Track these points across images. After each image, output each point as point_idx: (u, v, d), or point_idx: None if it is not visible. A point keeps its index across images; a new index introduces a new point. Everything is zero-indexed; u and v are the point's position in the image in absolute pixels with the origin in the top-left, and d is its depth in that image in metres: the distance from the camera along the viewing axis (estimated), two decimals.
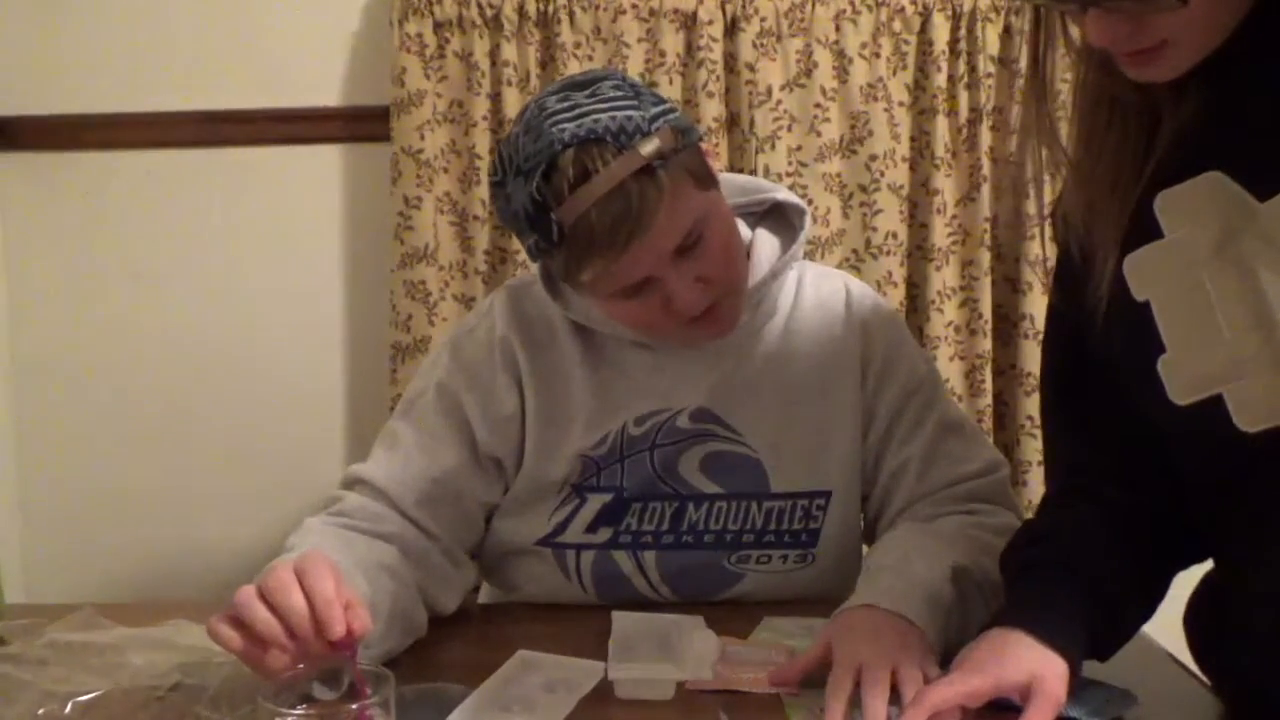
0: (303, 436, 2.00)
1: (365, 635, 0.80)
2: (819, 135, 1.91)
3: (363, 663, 0.79)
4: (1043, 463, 1.05)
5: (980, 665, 0.83)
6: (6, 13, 1.93)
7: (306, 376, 2.01)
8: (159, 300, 1.99)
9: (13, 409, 2.02)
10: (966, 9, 1.88)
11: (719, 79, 1.88)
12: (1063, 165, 0.85)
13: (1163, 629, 0.98)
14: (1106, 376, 0.88)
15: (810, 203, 1.89)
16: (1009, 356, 1.96)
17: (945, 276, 1.91)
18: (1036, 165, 0.86)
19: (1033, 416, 1.90)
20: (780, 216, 1.19)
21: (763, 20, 1.88)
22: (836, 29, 1.90)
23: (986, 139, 1.91)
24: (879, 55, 1.90)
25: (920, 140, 1.94)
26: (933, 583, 0.96)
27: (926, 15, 1.89)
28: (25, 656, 0.97)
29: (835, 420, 1.14)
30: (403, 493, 1.07)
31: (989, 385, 1.93)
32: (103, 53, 1.94)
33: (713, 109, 1.87)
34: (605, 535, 1.13)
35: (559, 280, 1.09)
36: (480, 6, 1.86)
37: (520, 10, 1.86)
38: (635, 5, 1.87)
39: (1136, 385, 0.82)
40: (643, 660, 0.94)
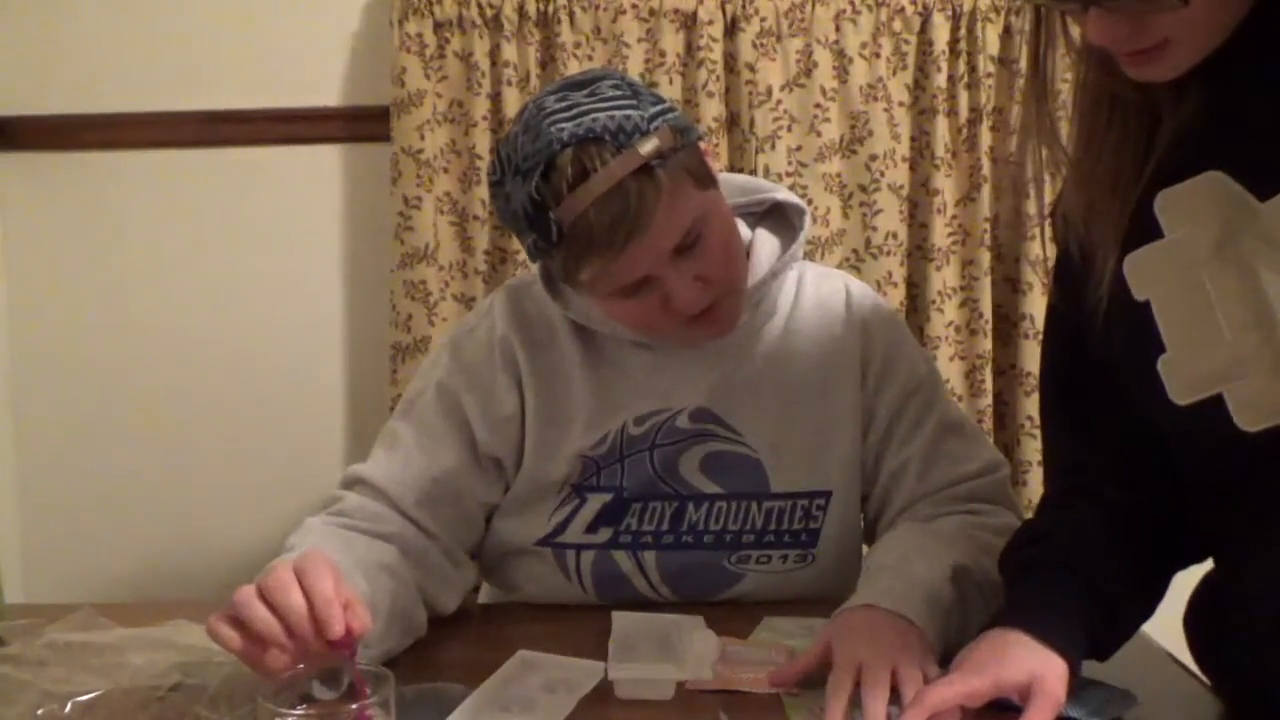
0: (303, 436, 2.00)
1: (365, 635, 0.80)
2: (819, 135, 1.91)
3: (362, 662, 0.79)
4: (1042, 463, 1.05)
5: (980, 665, 0.83)
6: (6, 13, 1.93)
7: (306, 376, 2.01)
8: (159, 300, 1.99)
9: (13, 408, 2.02)
10: (966, 9, 1.88)
11: (719, 79, 1.88)
12: (1063, 165, 0.85)
13: (1163, 629, 0.98)
14: (1106, 376, 0.88)
15: (810, 203, 1.89)
16: (1009, 356, 1.96)
17: (945, 276, 1.91)
18: (1036, 165, 0.86)
19: (1032, 416, 1.90)
20: (780, 216, 1.19)
21: (763, 20, 1.88)
22: (836, 29, 1.90)
23: (986, 139, 1.91)
24: (879, 55, 1.90)
25: (920, 140, 1.94)
26: (933, 582, 0.96)
27: (926, 15, 1.89)
28: (25, 656, 0.97)
29: (835, 420, 1.14)
30: (402, 492, 1.07)
31: (989, 385, 1.93)
32: (103, 53, 1.94)
33: (713, 109, 1.87)
34: (605, 535, 1.13)
35: (558, 280, 1.09)
36: (480, 6, 1.86)
37: (520, 10, 1.86)
38: (635, 5, 1.87)
39: (1136, 385, 0.82)
40: (643, 660, 0.94)
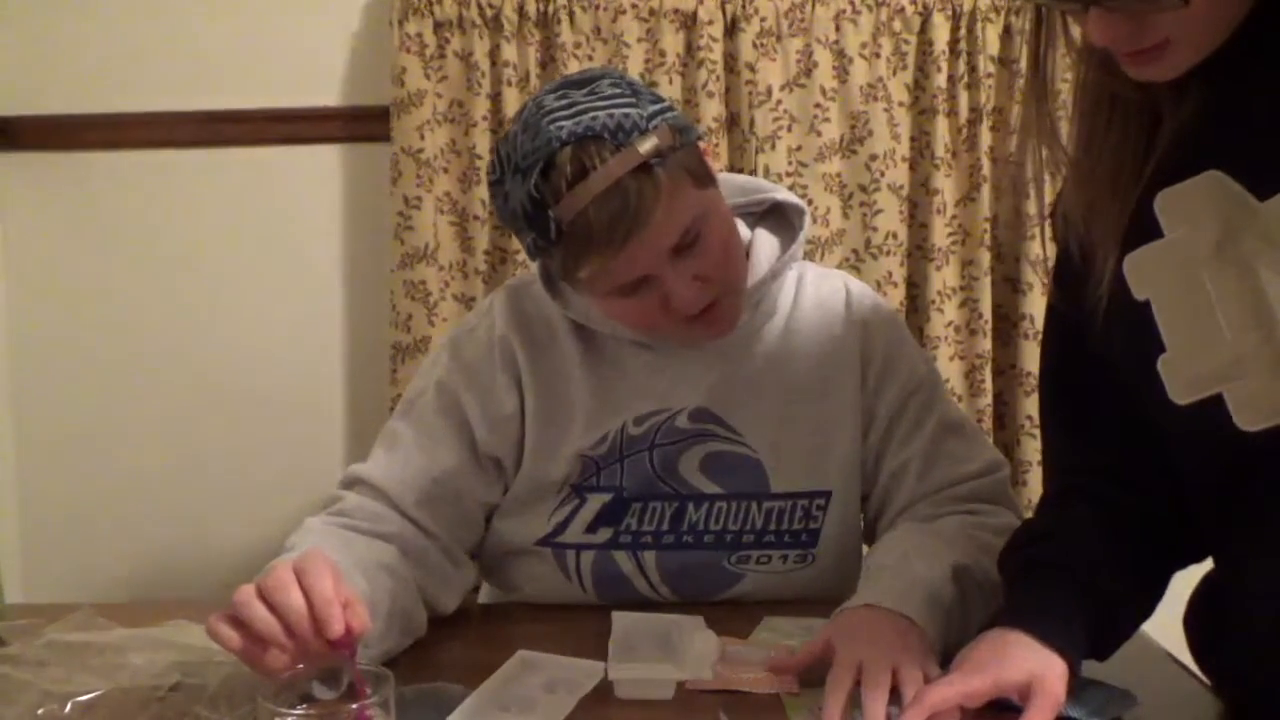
0: (303, 436, 2.00)
1: (364, 634, 0.80)
2: (819, 135, 1.91)
3: (362, 662, 0.79)
4: (1042, 463, 1.05)
5: (980, 665, 0.83)
6: (6, 13, 1.93)
7: (306, 376, 2.01)
8: (159, 300, 1.99)
9: (13, 408, 2.02)
10: (966, 9, 1.88)
11: (719, 79, 1.88)
12: (1063, 165, 0.85)
13: (1163, 629, 0.98)
14: (1106, 376, 0.88)
15: (810, 203, 1.89)
16: (1009, 356, 1.96)
17: (945, 276, 1.91)
18: (1036, 165, 0.86)
19: (1032, 416, 1.90)
20: (780, 216, 1.19)
21: (763, 20, 1.88)
22: (836, 29, 1.90)
23: (986, 139, 1.91)
24: (879, 55, 1.90)
25: (920, 140, 1.94)
26: (933, 582, 0.96)
27: (926, 15, 1.89)
28: (25, 657, 0.96)
29: (835, 420, 1.14)
30: (402, 492, 1.07)
31: (989, 385, 1.93)
32: (103, 53, 1.94)
33: (713, 109, 1.87)
34: (605, 535, 1.13)
35: (558, 279, 1.09)
36: (480, 6, 1.86)
37: (520, 10, 1.86)
38: (635, 5, 1.87)
39: (1136, 385, 0.82)
40: (643, 660, 0.94)
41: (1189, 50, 0.75)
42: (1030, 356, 1.90)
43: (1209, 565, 0.92)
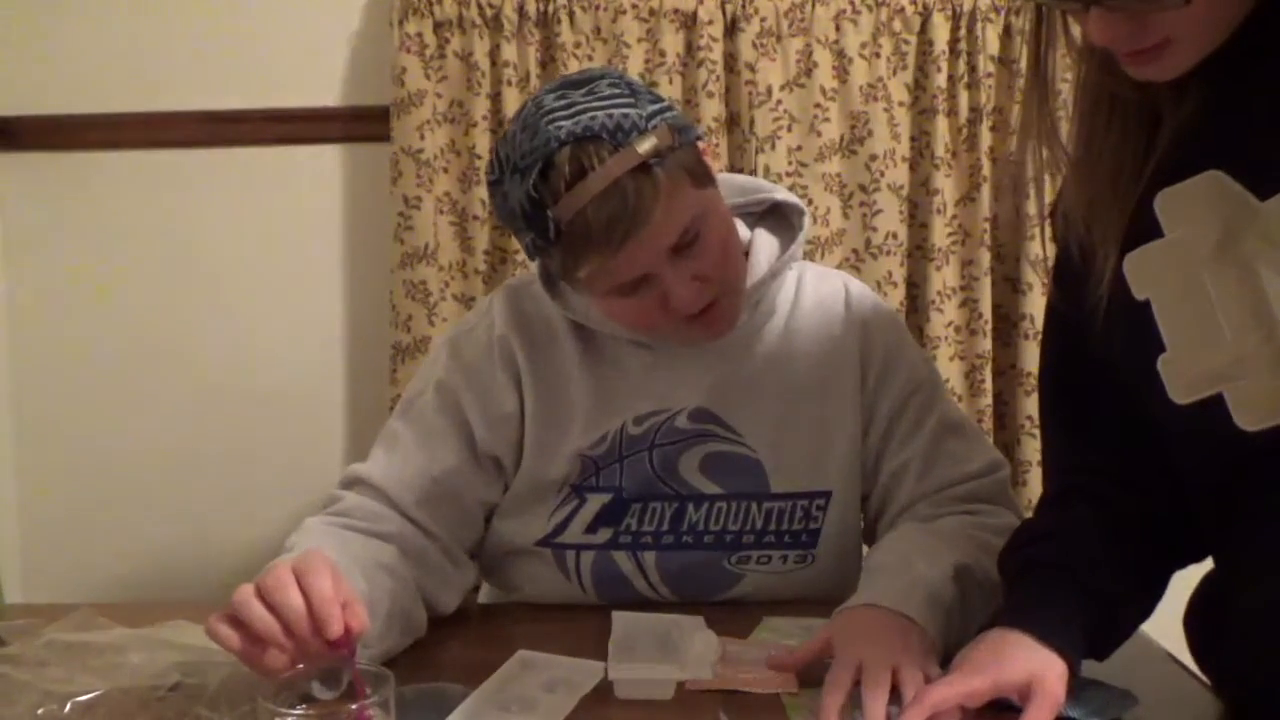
0: (303, 436, 2.00)
1: (363, 634, 0.80)
2: (819, 135, 1.91)
3: (362, 662, 0.79)
4: (1041, 462, 1.05)
5: (979, 666, 0.83)
6: (6, 13, 1.93)
7: (306, 376, 2.01)
8: (159, 300, 1.99)
9: (13, 408, 2.02)
10: (966, 9, 1.88)
11: (719, 79, 1.88)
12: (1063, 164, 0.85)
13: (1163, 629, 0.98)
14: (1106, 376, 0.87)
15: (810, 203, 1.89)
16: (1009, 356, 1.96)
17: (945, 276, 1.91)
18: (1037, 165, 0.86)
19: (1032, 416, 1.90)
20: (779, 217, 1.19)
21: (763, 20, 1.88)
22: (836, 29, 1.90)
23: (986, 139, 1.91)
24: (879, 55, 1.90)
25: (920, 140, 1.94)
26: (934, 582, 0.96)
27: (926, 15, 1.89)
28: (25, 657, 0.96)
29: (835, 420, 1.14)
30: (402, 492, 1.07)
31: (989, 385, 1.93)
32: (103, 53, 1.94)
33: (713, 109, 1.87)
34: (605, 536, 1.13)
35: (558, 279, 1.09)
36: (480, 6, 1.86)
37: (520, 10, 1.86)
38: (635, 5, 1.87)
39: (1136, 385, 0.82)
40: (643, 660, 0.94)
41: (1189, 50, 0.75)
42: (1030, 356, 1.90)
43: (1209, 565, 0.92)
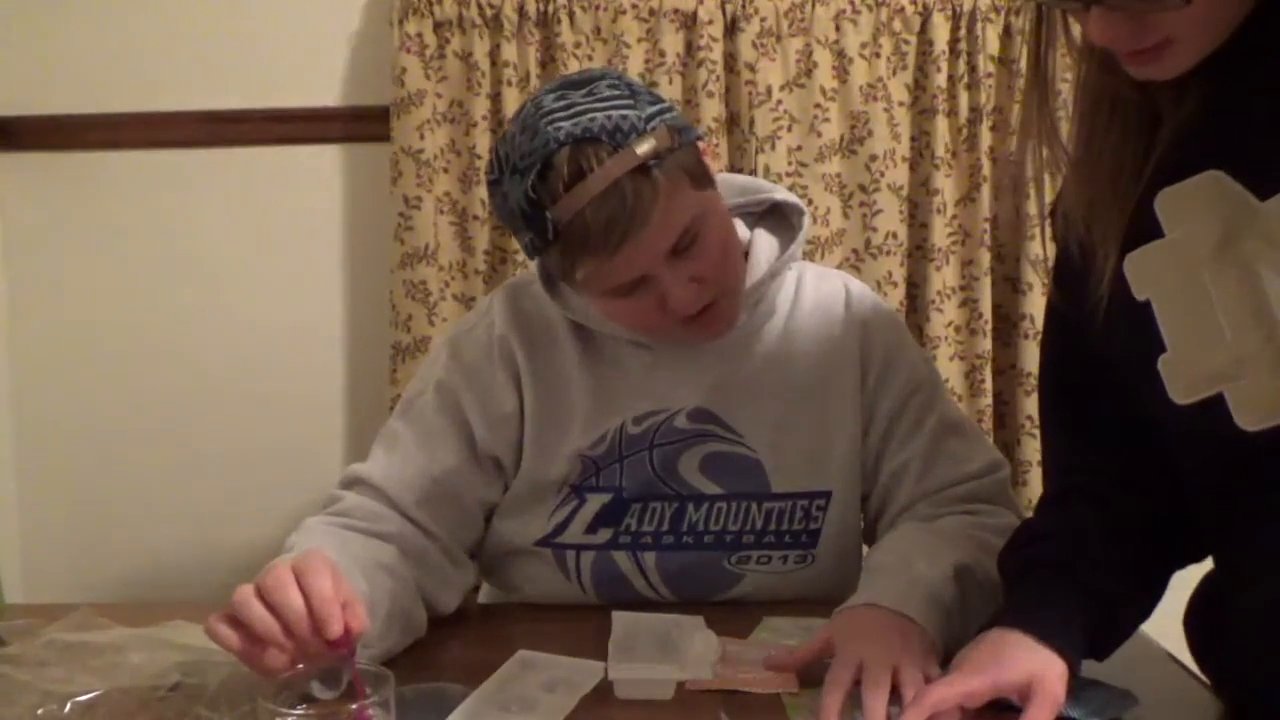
0: (303, 436, 2.00)
1: (363, 634, 0.80)
2: (819, 135, 1.91)
3: (362, 662, 0.79)
4: (1041, 462, 1.05)
5: (979, 666, 0.83)
6: (6, 13, 1.93)
7: (306, 376, 2.01)
8: (159, 300, 1.99)
9: (13, 408, 2.02)
10: (966, 9, 1.88)
11: (719, 79, 1.88)
12: (1063, 164, 0.85)
13: (1163, 629, 0.98)
14: (1106, 375, 0.87)
15: (810, 203, 1.89)
16: (1009, 356, 1.96)
17: (945, 276, 1.91)
18: (1037, 165, 0.86)
19: (1032, 416, 1.90)
20: (779, 217, 1.19)
21: (763, 20, 1.88)
22: (836, 29, 1.90)
23: (986, 139, 1.91)
24: (879, 55, 1.90)
25: (920, 140, 1.94)
26: (934, 582, 0.96)
27: (926, 15, 1.89)
28: (25, 657, 0.96)
29: (835, 421, 1.14)
30: (402, 492, 1.07)
31: (989, 385, 1.93)
32: (103, 53, 1.94)
33: (713, 109, 1.87)
34: (605, 536, 1.13)
35: (557, 279, 1.09)
36: (480, 6, 1.86)
37: (520, 10, 1.86)
38: (635, 5, 1.87)
39: (1136, 384, 0.82)
40: (643, 660, 0.94)
41: (1190, 50, 0.75)
42: (1030, 356, 1.90)
43: (1209, 565, 0.92)
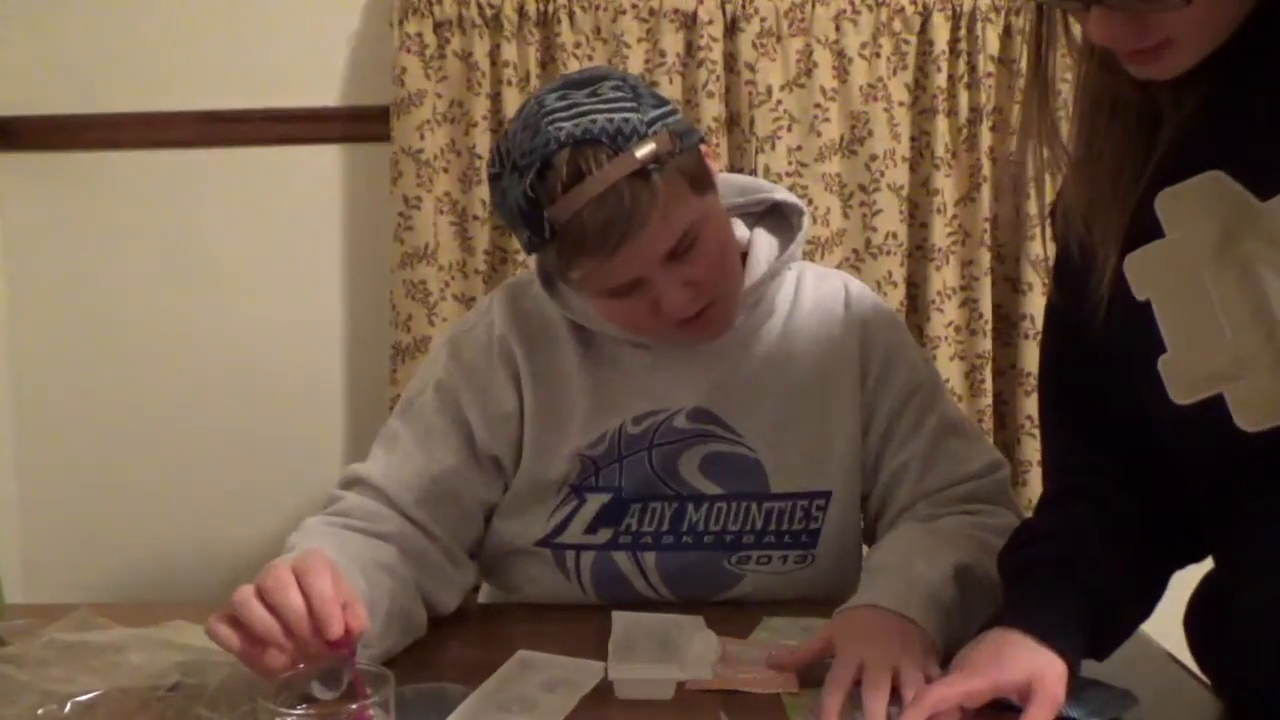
0: (303, 436, 2.00)
1: (363, 634, 0.80)
2: (819, 135, 1.91)
3: (362, 662, 0.79)
4: (1041, 462, 1.05)
5: (979, 666, 0.83)
6: (6, 13, 1.93)
7: (306, 376, 2.01)
8: (159, 300, 1.99)
9: (13, 408, 2.02)
10: (966, 9, 1.88)
11: (719, 79, 1.88)
12: (1063, 164, 0.85)
13: (1163, 629, 0.98)
14: (1106, 375, 0.87)
15: (810, 203, 1.89)
16: (1009, 356, 1.96)
17: (945, 276, 1.91)
18: (1037, 164, 0.86)
19: (1032, 416, 1.90)
20: (779, 217, 1.19)
21: (763, 20, 1.88)
22: (836, 29, 1.90)
23: (986, 139, 1.91)
24: (879, 55, 1.90)
25: (920, 140, 1.94)
26: (934, 582, 0.96)
27: (926, 15, 1.89)
28: (25, 657, 0.96)
29: (835, 421, 1.14)
30: (401, 492, 1.07)
31: (989, 385, 1.93)
32: (103, 53, 1.94)
33: (713, 109, 1.87)
34: (605, 536, 1.13)
35: (556, 278, 1.09)
36: (480, 6, 1.86)
37: (520, 10, 1.86)
38: (635, 5, 1.87)
39: (1136, 384, 0.82)
40: (643, 660, 0.94)
41: (1190, 49, 0.75)
42: (1030, 356, 1.90)
43: (1209, 565, 0.92)
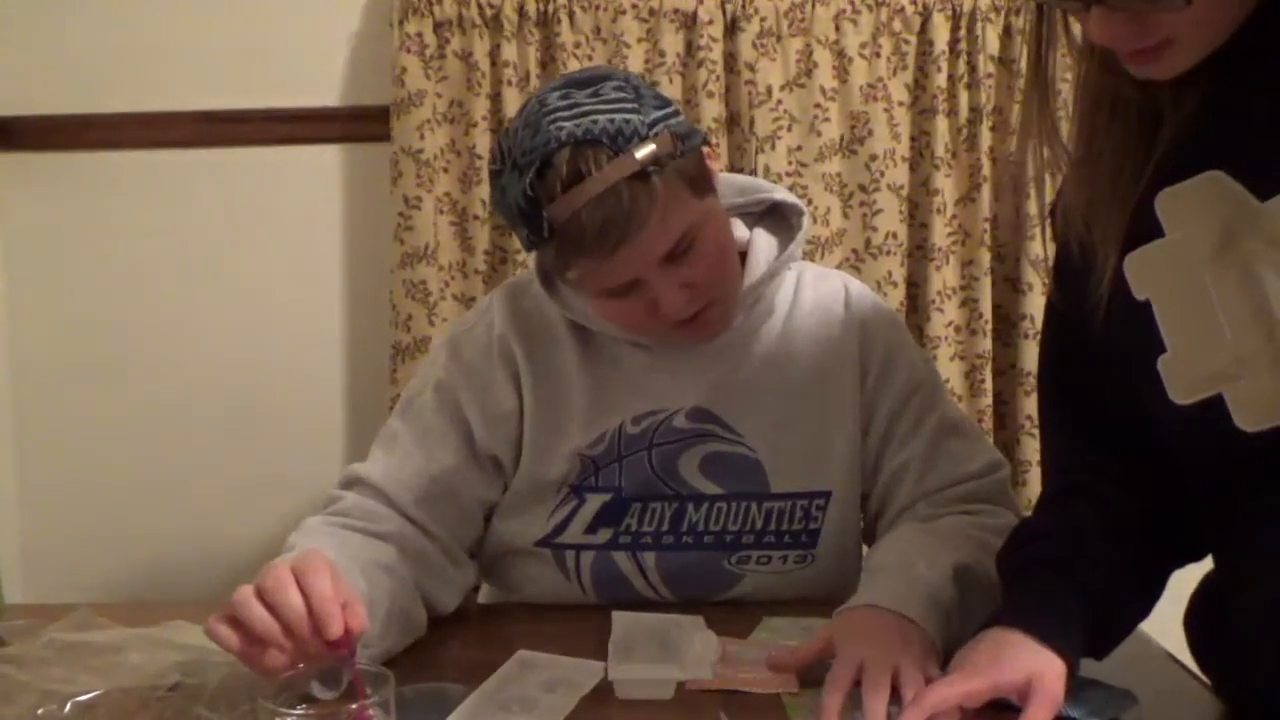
0: (303, 436, 2.00)
1: (363, 634, 0.80)
2: (819, 135, 1.91)
3: (362, 662, 0.79)
4: (1040, 461, 1.05)
5: (978, 666, 0.83)
6: (6, 13, 1.93)
7: (306, 376, 2.01)
8: (159, 300, 1.99)
9: (13, 409, 2.02)
10: (966, 9, 1.88)
11: (719, 79, 1.88)
12: (1063, 164, 0.85)
13: (1163, 629, 0.98)
14: (1105, 374, 0.87)
15: (810, 203, 1.89)
16: (1009, 356, 1.96)
17: (945, 276, 1.91)
18: (1038, 164, 0.86)
19: (1032, 416, 1.90)
20: (779, 217, 1.19)
21: (763, 20, 1.88)
22: (836, 29, 1.90)
23: (986, 139, 1.91)
24: (879, 55, 1.90)
25: (920, 140, 1.94)
26: (934, 582, 0.96)
27: (926, 15, 1.89)
28: (25, 656, 0.96)
29: (834, 421, 1.14)
30: (401, 492, 1.07)
31: (989, 385, 1.93)
32: (103, 53, 1.94)
33: (713, 109, 1.87)
34: (605, 536, 1.13)
35: (554, 277, 1.09)
36: (480, 6, 1.86)
37: (520, 10, 1.86)
38: (635, 5, 1.87)
39: (1136, 384, 0.82)
40: (643, 660, 0.94)
41: (1190, 49, 0.75)
42: (1030, 356, 1.90)
43: (1209, 565, 0.92)
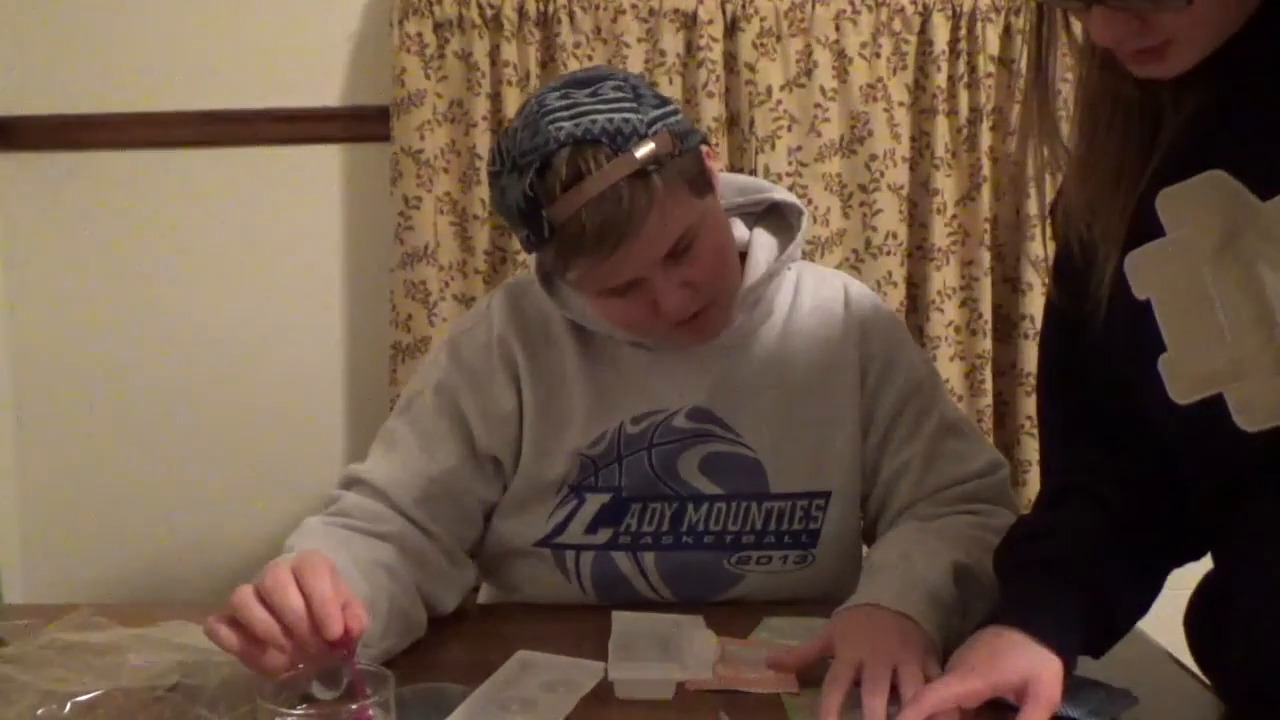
0: (303, 436, 2.00)
1: (363, 634, 0.80)
2: (819, 135, 1.91)
3: (362, 662, 0.79)
4: (1039, 460, 1.05)
5: (977, 666, 0.83)
6: (6, 13, 1.93)
7: (306, 376, 2.01)
8: (159, 300, 1.99)
9: (13, 408, 2.02)
10: (966, 9, 1.88)
11: (719, 79, 1.88)
12: (1064, 163, 0.85)
13: (1163, 629, 0.98)
14: (1105, 374, 0.87)
15: (810, 203, 1.89)
16: (1009, 356, 1.96)
17: (945, 276, 1.91)
18: (1038, 164, 0.86)
19: (1032, 416, 1.90)
20: (778, 217, 1.19)
21: (763, 20, 1.88)
22: (836, 29, 1.90)
23: (986, 139, 1.91)
24: (879, 55, 1.90)
25: (920, 140, 1.94)
26: (934, 581, 0.96)
27: (926, 15, 1.89)
28: (25, 657, 0.96)
29: (834, 421, 1.14)
30: (401, 492, 1.07)
31: (989, 385, 1.93)
32: (103, 53, 1.94)
33: (713, 109, 1.87)
34: (605, 536, 1.13)
35: (554, 277, 1.09)
36: (480, 6, 1.86)
37: (520, 10, 1.86)
38: (635, 5, 1.87)
39: (1136, 384, 0.82)
40: (643, 660, 0.94)
41: (1191, 49, 0.75)
42: (1030, 356, 1.90)
43: (1209, 565, 0.92)
